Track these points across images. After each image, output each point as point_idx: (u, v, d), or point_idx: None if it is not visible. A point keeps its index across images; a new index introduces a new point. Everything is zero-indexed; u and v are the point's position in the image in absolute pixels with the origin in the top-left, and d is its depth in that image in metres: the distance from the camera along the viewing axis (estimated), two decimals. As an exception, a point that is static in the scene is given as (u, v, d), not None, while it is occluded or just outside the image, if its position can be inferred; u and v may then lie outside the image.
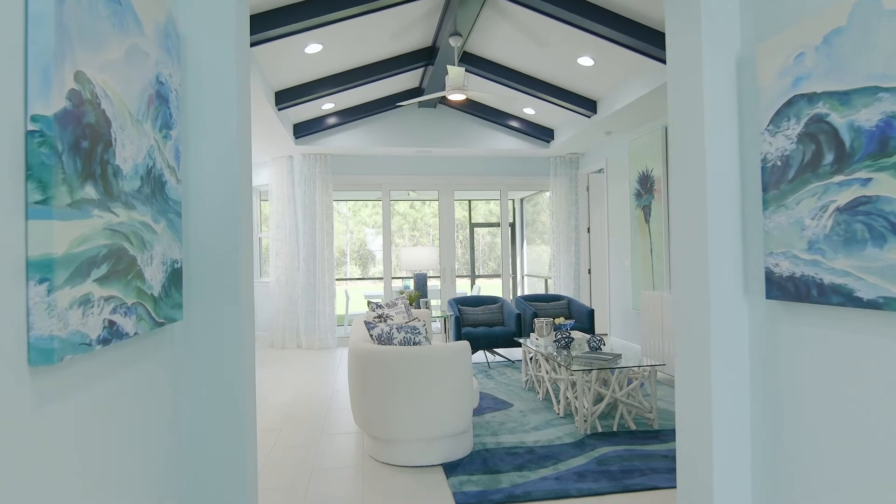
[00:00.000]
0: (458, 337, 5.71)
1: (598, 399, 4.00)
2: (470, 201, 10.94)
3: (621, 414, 3.83)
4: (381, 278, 8.02)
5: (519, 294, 9.53)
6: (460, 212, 11.17)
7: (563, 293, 7.71)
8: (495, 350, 6.18)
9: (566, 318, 6.28)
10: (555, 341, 4.42)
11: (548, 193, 8.34)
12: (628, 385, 3.97)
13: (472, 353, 5.85)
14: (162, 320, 1.48)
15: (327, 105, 6.39)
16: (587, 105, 5.92)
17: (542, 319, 4.78)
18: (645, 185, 6.04)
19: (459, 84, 4.61)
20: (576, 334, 4.98)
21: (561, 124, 6.98)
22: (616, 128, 6.26)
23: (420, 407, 3.08)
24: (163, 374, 1.58)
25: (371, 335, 3.28)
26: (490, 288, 11.79)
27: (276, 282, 7.62)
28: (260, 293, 8.20)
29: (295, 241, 7.56)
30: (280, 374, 5.80)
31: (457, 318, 5.71)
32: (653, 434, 3.61)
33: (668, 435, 3.57)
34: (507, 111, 7.01)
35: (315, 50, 4.77)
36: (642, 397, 3.95)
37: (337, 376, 5.64)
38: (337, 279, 7.68)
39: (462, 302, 6.28)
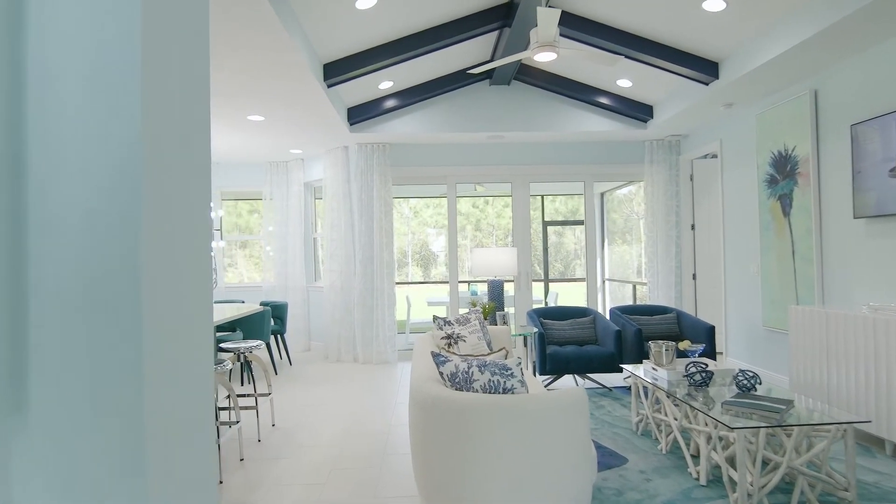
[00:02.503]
0: (543, 358, 4.64)
1: (763, 465, 2.82)
2: (542, 196, 9.82)
3: (801, 490, 2.64)
4: (446, 282, 7.10)
5: (603, 303, 8.31)
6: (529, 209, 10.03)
7: (661, 303, 6.46)
8: (588, 375, 5.06)
9: (678, 337, 5.06)
10: (686, 376, 3.27)
11: (630, 188, 7.11)
12: (807, 448, 2.77)
13: (558, 377, 4.76)
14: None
15: (385, 84, 5.51)
16: (706, 68, 4.69)
17: (659, 343, 3.63)
18: (782, 169, 4.73)
19: (551, 36, 3.56)
20: (703, 361, 3.79)
21: (664, 98, 5.75)
22: (741, 97, 4.98)
23: (516, 481, 2.07)
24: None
25: (441, 373, 2.30)
26: (563, 294, 10.62)
27: (331, 287, 6.84)
28: (314, 300, 7.46)
29: (351, 242, 6.75)
30: (333, 397, 4.96)
31: (541, 336, 4.65)
32: (858, 526, 2.42)
33: (885, 531, 2.37)
34: (595, 85, 5.86)
35: (369, 4, 3.87)
36: (830, 467, 2.74)
37: (397, 402, 4.72)
38: (396, 282, 6.79)
39: (544, 314, 5.21)
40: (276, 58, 3.88)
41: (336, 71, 4.67)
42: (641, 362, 4.61)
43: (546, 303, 8.98)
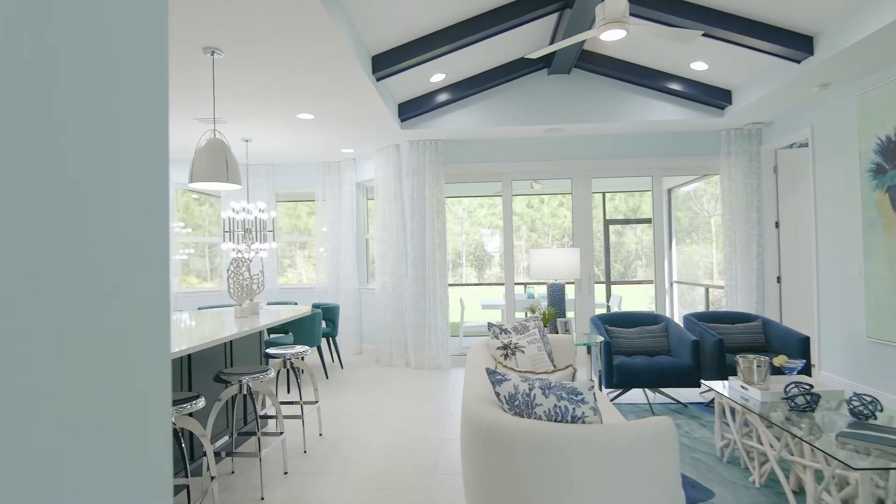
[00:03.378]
0: (609, 370, 4.22)
1: (884, 508, 2.34)
2: (604, 194, 9.29)
3: (946, 548, 2.14)
4: (501, 284, 6.76)
5: (670, 307, 7.71)
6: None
7: (739, 308, 5.86)
8: (661, 390, 4.59)
9: (764, 348, 4.50)
10: (786, 398, 2.80)
11: (697, 184, 6.50)
12: (951, 492, 2.25)
13: (625, 390, 4.32)
14: None
15: (436, 76, 5.24)
16: (798, 43, 4.13)
17: (749, 358, 3.16)
18: (891, 157, 4.10)
19: (620, 11, 3.16)
20: (806, 381, 3.28)
21: (745, 81, 5.17)
22: (839, 75, 4.37)
23: (585, 528, 1.72)
24: None
25: (498, 394, 1.99)
26: (627, 297, 9.99)
27: (382, 289, 6.65)
28: (366, 302, 7.31)
29: (402, 243, 6.53)
30: (382, 404, 4.74)
31: (607, 345, 4.23)
32: None
33: None
34: (665, 70, 5.36)
35: (418, -12, 3.61)
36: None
37: (449, 412, 4.44)
38: (449, 284, 6.51)
39: (610, 320, 4.77)
40: (320, 49, 3.69)
41: (385, 63, 4.44)
42: (725, 377, 4.11)
43: (608, 307, 8.45)
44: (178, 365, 3.12)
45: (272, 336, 6.23)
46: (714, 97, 5.44)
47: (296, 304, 7.17)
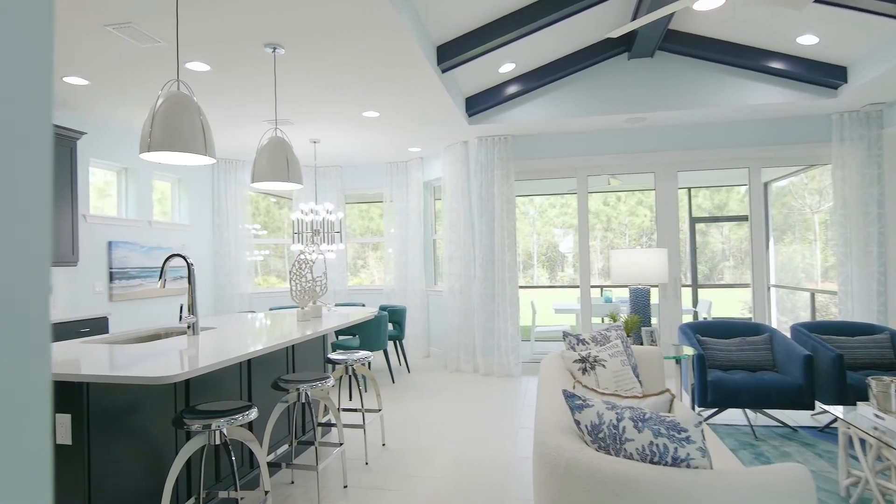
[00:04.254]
0: (703, 387, 3.73)
1: None
2: (689, 189, 8.56)
3: None
4: (575, 286, 6.33)
5: (767, 313, 6.92)
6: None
7: (855, 317, 5.10)
8: (765, 411, 4.03)
9: (894, 366, 3.82)
10: (943, 434, 2.26)
11: (794, 178, 5.74)
12: None
13: (720, 409, 3.80)
14: None
15: (506, 66, 4.94)
16: (941, 3, 3.45)
17: (885, 381, 2.62)
18: None
19: (719, -28, 2.73)
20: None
21: (863, 55, 4.47)
22: None
23: None
24: None
25: (578, 422, 1.66)
26: (716, 303, 9.15)
27: (450, 291, 6.42)
28: (433, 304, 7.12)
29: (471, 244, 6.27)
30: (449, 413, 4.49)
31: (700, 358, 3.74)
32: None
33: None
34: (766, 47, 4.74)
35: (484, -34, 3.33)
36: None
37: (520, 426, 4.12)
38: (520, 286, 6.18)
39: (702, 329, 4.26)
40: (382, 39, 3.49)
41: (450, 53, 4.20)
42: (846, 400, 3.51)
43: (696, 314, 7.76)
44: (238, 370, 3.02)
45: (340, 338, 6.17)
46: (825, 75, 4.75)
47: (363, 305, 7.11)
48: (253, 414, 2.32)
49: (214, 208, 7.01)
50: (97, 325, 4.54)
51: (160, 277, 2.97)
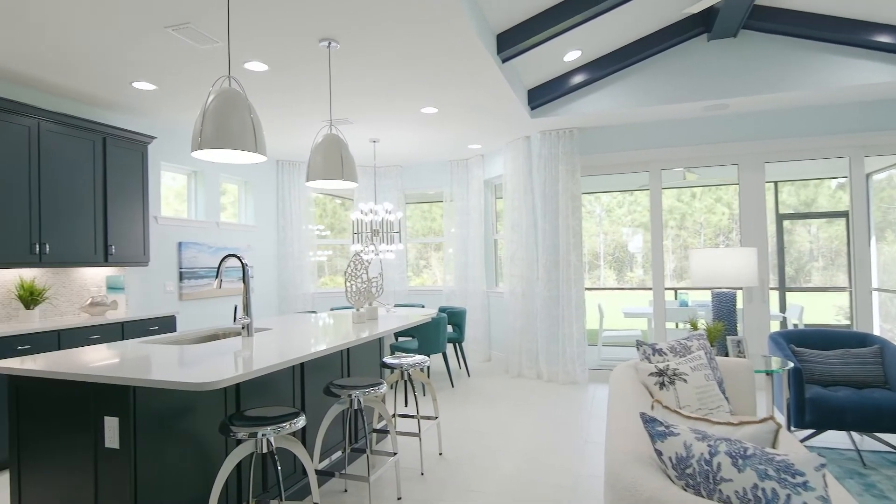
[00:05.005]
0: (800, 405, 3.28)
1: None
2: (776, 183, 7.82)
3: None
4: (645, 288, 5.91)
5: (877, 322, 6.17)
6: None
7: None
8: (876, 435, 3.51)
9: None
10: None
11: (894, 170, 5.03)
12: None
13: (818, 430, 3.33)
14: None
15: (571, 54, 4.64)
16: None
17: None
18: None
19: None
20: None
21: None
22: None
23: None
24: None
25: (660, 452, 1.40)
26: (808, 308, 8.31)
27: (511, 293, 6.18)
28: (494, 306, 6.89)
29: (533, 244, 6.00)
30: (510, 422, 4.26)
31: (797, 371, 3.30)
32: None
33: None
34: (870, 18, 4.17)
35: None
36: None
37: (586, 440, 3.82)
38: (585, 288, 5.84)
39: (797, 339, 3.78)
40: (439, 29, 3.32)
41: (511, 41, 3.97)
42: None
43: (785, 320, 7.07)
44: (290, 373, 2.94)
45: (400, 340, 6.08)
46: (948, 47, 4.12)
47: (423, 306, 6.99)
48: (301, 422, 2.21)
49: (279, 210, 7.13)
50: (165, 324, 4.66)
51: (216, 277, 2.94)
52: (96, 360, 2.28)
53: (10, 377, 2.22)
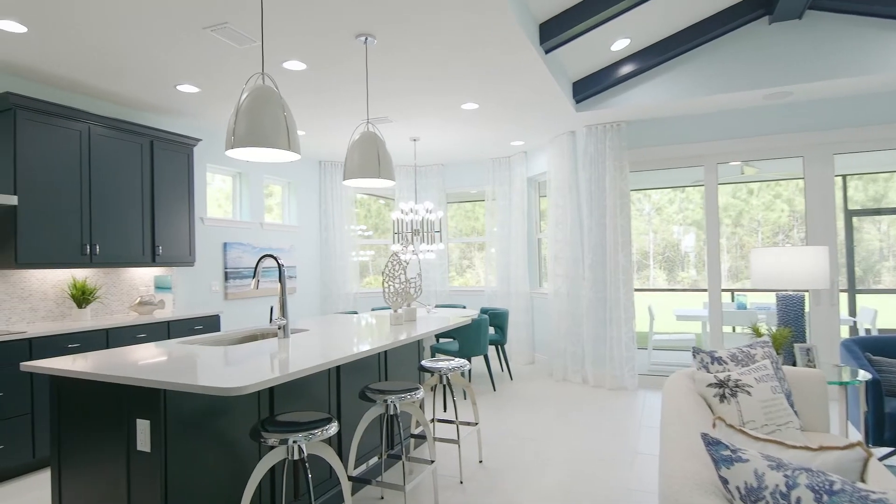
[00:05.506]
0: (879, 420, 2.96)
1: None
2: (844, 177, 7.26)
3: None
4: (698, 290, 5.57)
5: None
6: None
7: None
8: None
9: None
10: None
11: None
12: None
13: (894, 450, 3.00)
14: None
15: (619, 43, 4.41)
16: None
17: None
18: None
19: None
20: None
21: None
22: None
23: None
24: None
25: (725, 480, 1.23)
26: (881, 312, 7.68)
27: (555, 294, 5.96)
28: (538, 307, 6.69)
29: (579, 243, 5.77)
30: (554, 429, 4.08)
31: (875, 383, 2.98)
32: None
33: None
34: (962, -9, 3.75)
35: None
36: None
37: (636, 451, 3.60)
38: (635, 289, 5.56)
39: (872, 347, 3.43)
40: (479, 20, 3.18)
41: (554, 30, 3.79)
42: None
43: (855, 325, 6.55)
44: (326, 375, 2.88)
45: (441, 341, 5.97)
46: None
47: (464, 307, 6.87)
48: (333, 429, 2.13)
49: (321, 210, 7.17)
50: (209, 323, 4.72)
51: (253, 277, 2.91)
52: (133, 361, 2.27)
53: (51, 377, 2.24)
